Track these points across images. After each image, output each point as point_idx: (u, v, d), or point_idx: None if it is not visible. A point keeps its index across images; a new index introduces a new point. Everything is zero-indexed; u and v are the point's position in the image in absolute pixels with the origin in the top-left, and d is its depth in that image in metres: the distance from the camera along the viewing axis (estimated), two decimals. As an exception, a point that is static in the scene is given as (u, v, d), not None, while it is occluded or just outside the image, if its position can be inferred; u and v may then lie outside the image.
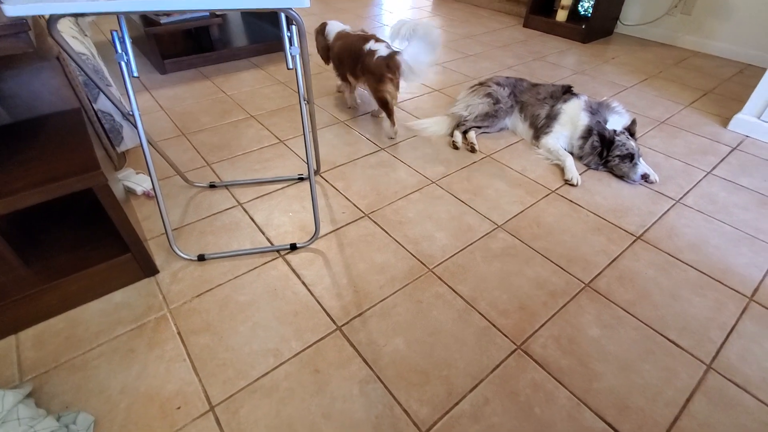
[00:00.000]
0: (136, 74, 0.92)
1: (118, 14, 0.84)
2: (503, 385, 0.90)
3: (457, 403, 0.86)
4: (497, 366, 0.93)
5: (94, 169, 0.89)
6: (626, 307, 1.07)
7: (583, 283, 1.14)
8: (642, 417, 0.85)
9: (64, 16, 0.80)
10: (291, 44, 0.95)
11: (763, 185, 1.53)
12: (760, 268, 1.19)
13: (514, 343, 0.98)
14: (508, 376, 0.92)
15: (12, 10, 0.70)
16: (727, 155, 1.70)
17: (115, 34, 0.88)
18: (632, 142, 1.50)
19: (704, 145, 1.76)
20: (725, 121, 1.92)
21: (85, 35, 1.62)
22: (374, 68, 1.58)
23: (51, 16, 0.81)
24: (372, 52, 1.58)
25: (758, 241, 1.28)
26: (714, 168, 1.62)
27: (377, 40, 1.63)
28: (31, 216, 1.16)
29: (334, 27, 1.82)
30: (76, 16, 0.88)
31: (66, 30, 1.37)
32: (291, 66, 0.97)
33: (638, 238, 1.29)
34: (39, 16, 1.04)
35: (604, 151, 1.56)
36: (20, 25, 0.78)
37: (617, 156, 1.53)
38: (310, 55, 2.40)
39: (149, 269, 1.11)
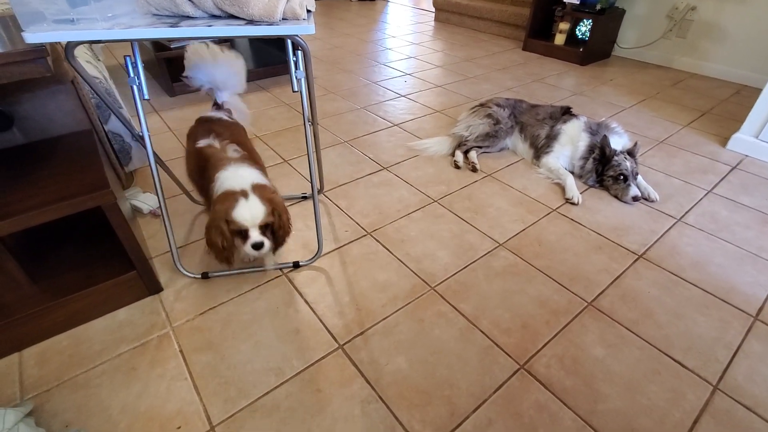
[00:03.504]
0: (146, 97, 0.95)
1: (132, 41, 0.88)
2: (507, 406, 0.89)
3: (459, 424, 0.85)
4: (500, 386, 0.92)
5: (104, 188, 0.91)
6: (630, 327, 1.06)
7: (586, 301, 1.13)
8: (649, 439, 0.84)
9: (81, 43, 0.84)
10: (296, 68, 0.99)
11: (764, 204, 1.53)
12: (765, 287, 1.18)
13: (518, 363, 0.97)
14: (511, 396, 0.90)
15: (32, 38, 0.74)
16: (727, 174, 1.71)
17: (128, 59, 0.92)
18: (628, 163, 1.52)
19: (704, 164, 1.78)
20: (724, 141, 1.94)
21: (98, 59, 1.68)
22: None
23: (69, 43, 0.85)
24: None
25: (761, 260, 1.28)
26: (714, 187, 1.63)
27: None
28: (37, 233, 1.17)
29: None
30: (92, 43, 0.92)
31: (81, 55, 1.42)
32: (296, 89, 1.00)
33: (640, 256, 1.29)
34: (56, 42, 1.09)
35: (600, 167, 1.58)
36: (39, 51, 0.81)
37: (611, 176, 1.55)
38: (315, 78, 2.46)
39: (154, 287, 1.12)
